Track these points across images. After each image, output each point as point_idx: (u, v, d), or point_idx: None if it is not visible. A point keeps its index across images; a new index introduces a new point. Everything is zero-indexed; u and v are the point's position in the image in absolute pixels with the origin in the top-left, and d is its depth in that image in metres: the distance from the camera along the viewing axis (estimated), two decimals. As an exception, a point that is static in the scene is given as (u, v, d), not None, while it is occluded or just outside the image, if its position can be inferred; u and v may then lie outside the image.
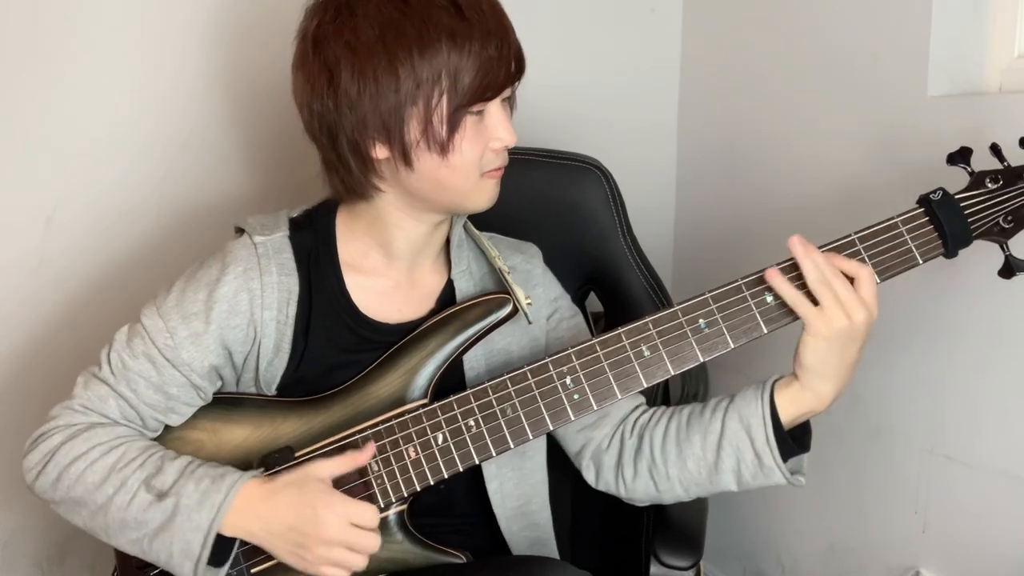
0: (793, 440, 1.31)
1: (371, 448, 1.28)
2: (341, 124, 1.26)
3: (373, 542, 1.23)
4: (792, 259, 1.24)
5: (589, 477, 1.44)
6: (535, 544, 1.46)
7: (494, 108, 1.27)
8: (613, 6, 2.20)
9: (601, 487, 1.44)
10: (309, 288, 1.35)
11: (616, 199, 1.69)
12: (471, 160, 1.27)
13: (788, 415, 1.29)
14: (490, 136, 1.28)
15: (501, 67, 1.24)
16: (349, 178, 1.31)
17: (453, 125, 1.24)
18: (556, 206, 1.69)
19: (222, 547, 1.25)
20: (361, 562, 1.23)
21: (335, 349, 1.35)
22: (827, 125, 1.86)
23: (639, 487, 1.39)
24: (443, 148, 1.25)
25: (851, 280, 1.23)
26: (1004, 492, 1.56)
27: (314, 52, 1.25)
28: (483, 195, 1.32)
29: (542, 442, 1.47)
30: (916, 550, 1.74)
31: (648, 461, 1.37)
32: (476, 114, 1.26)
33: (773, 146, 2.02)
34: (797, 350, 1.26)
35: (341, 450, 1.30)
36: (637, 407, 1.44)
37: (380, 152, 1.27)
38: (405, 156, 1.26)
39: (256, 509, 1.23)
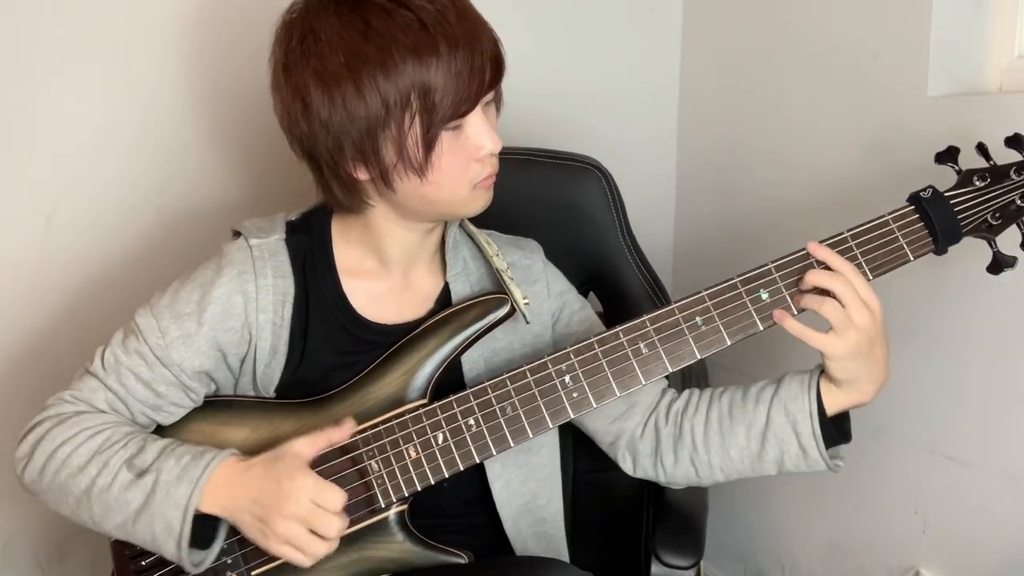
0: (835, 428, 1.33)
1: (349, 425, 1.27)
2: (319, 149, 1.25)
3: (334, 525, 1.19)
4: (796, 252, 1.27)
5: (626, 466, 1.46)
6: (543, 540, 1.46)
7: (474, 117, 1.24)
8: (613, 6, 2.20)
9: (639, 475, 1.46)
10: (306, 291, 1.35)
11: (615, 199, 1.69)
12: (454, 174, 1.26)
13: (832, 409, 1.32)
14: (472, 146, 1.25)
15: (474, 79, 1.20)
16: (336, 196, 1.31)
17: (429, 145, 1.22)
18: (555, 206, 1.69)
19: (208, 528, 1.25)
20: (320, 548, 1.19)
21: (334, 351, 1.35)
22: (827, 125, 1.86)
23: (679, 473, 1.41)
24: (421, 170, 1.23)
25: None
26: (1004, 492, 1.56)
27: (285, 78, 1.24)
28: (475, 203, 1.31)
29: (552, 436, 1.47)
30: (916, 550, 1.74)
31: (690, 449, 1.39)
32: (454, 128, 1.23)
33: (773, 145, 2.02)
34: (826, 371, 1.28)
35: (340, 452, 1.29)
36: (664, 392, 1.45)
37: (361, 174, 1.27)
38: (385, 179, 1.25)
39: (231, 483, 1.22)
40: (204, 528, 1.24)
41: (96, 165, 1.79)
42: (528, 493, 1.44)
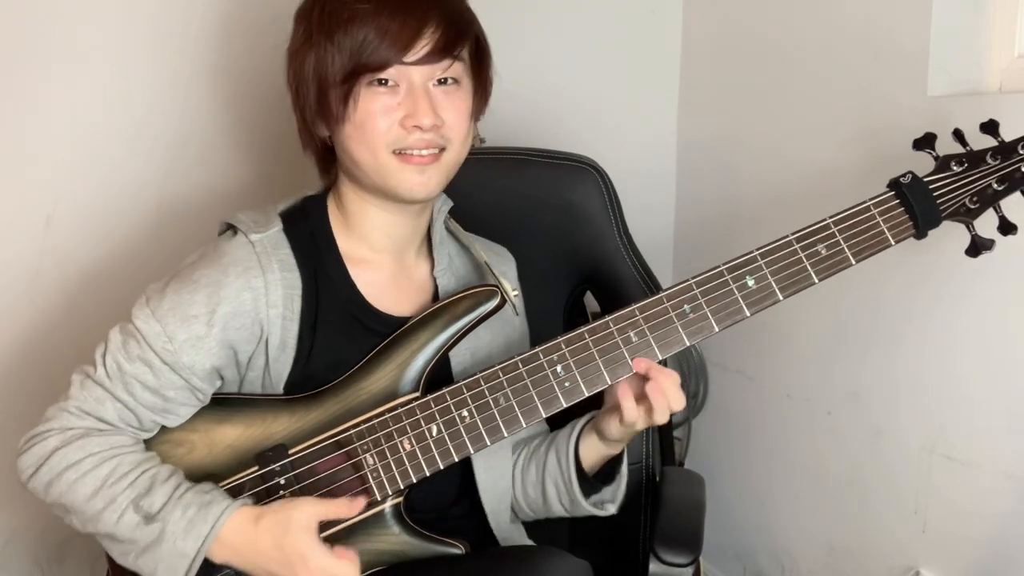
0: (606, 470, 1.44)
1: (361, 502, 1.28)
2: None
3: None
4: (780, 239, 1.31)
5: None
6: (520, 535, 1.48)
7: (414, 85, 1.28)
8: (613, 6, 2.21)
9: None
10: (315, 282, 1.34)
11: (612, 198, 1.69)
12: (374, 132, 1.28)
13: (589, 460, 1.42)
14: (394, 104, 1.28)
15: (402, 34, 1.25)
16: (321, 167, 1.38)
17: (346, 94, 1.27)
18: (552, 206, 1.69)
19: (207, 567, 1.25)
20: None
21: (345, 340, 1.34)
22: (827, 124, 1.87)
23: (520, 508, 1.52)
24: (338, 118, 1.29)
25: None
26: (1004, 492, 1.56)
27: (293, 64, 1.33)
28: (402, 178, 1.31)
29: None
30: (916, 550, 1.73)
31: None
32: (382, 84, 1.27)
33: (773, 145, 2.03)
34: (605, 428, 1.36)
35: (336, 446, 1.29)
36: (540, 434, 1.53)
37: (320, 131, 1.33)
38: (326, 127, 1.33)
39: (238, 545, 1.23)
40: (206, 569, 1.24)
41: (96, 165, 1.80)
42: (508, 490, 1.47)
